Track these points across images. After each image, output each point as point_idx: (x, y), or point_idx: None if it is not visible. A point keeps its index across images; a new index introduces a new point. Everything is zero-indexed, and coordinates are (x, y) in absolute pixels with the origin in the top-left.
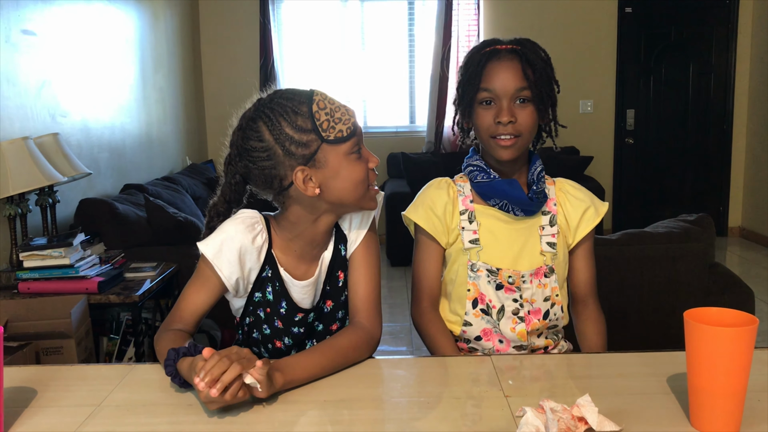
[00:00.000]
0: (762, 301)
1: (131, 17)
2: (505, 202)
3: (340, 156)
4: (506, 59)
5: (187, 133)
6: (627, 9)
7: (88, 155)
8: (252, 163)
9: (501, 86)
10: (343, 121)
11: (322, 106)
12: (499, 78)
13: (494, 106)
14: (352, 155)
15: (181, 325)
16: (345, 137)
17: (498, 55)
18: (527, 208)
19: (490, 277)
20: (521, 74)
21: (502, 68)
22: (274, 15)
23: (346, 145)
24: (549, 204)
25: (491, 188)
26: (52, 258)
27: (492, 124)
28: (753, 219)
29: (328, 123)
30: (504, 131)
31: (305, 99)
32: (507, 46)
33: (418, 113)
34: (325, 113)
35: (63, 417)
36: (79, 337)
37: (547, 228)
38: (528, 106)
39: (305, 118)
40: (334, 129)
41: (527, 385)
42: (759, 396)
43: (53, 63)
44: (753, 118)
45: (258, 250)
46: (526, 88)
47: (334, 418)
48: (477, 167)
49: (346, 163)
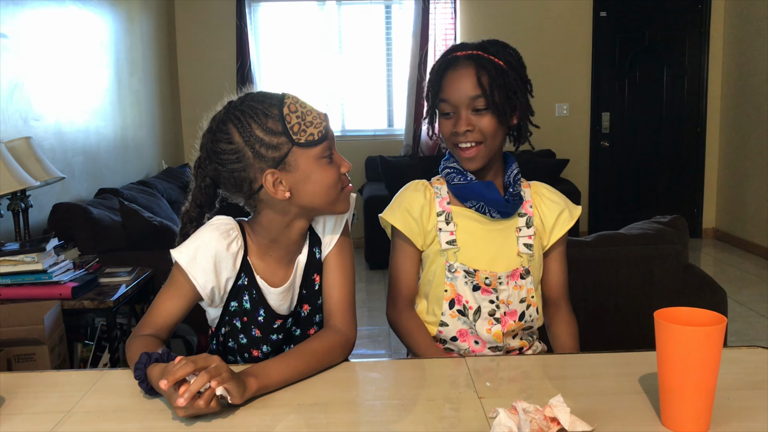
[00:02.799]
0: (735, 302)
1: (106, 20)
2: (481, 204)
3: (311, 160)
4: (462, 67)
5: (163, 137)
6: (602, 13)
7: (62, 159)
8: (221, 165)
9: (456, 97)
10: (314, 124)
11: (294, 109)
12: (454, 88)
13: (453, 116)
14: (323, 159)
15: (153, 331)
16: (316, 141)
17: (455, 63)
18: (503, 209)
19: (467, 278)
20: (475, 82)
21: (456, 77)
22: (251, 18)
23: (317, 149)
24: (525, 206)
25: (468, 190)
26: (24, 263)
27: (452, 133)
28: (727, 221)
29: (299, 126)
30: (464, 140)
31: (276, 102)
32: (466, 53)
33: (396, 117)
34: (297, 116)
35: (31, 424)
36: (53, 343)
37: (524, 229)
38: (486, 113)
39: (276, 121)
40: (305, 132)
41: (502, 386)
42: (728, 394)
43: (26, 66)
44: (726, 121)
45: (233, 257)
46: (480, 96)
47: (309, 422)
48: (454, 169)
49: (317, 167)
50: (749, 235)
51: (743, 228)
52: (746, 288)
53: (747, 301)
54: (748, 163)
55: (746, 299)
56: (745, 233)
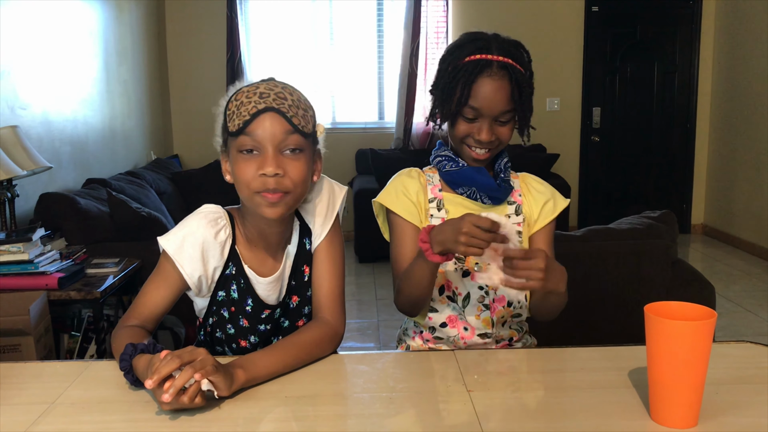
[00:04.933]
0: (723, 297)
1: (95, 9)
2: (473, 189)
3: (235, 150)
4: (497, 77)
5: (152, 128)
6: (593, 8)
7: (50, 149)
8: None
9: (487, 107)
10: (242, 115)
11: (239, 97)
12: (486, 98)
13: (476, 121)
14: (242, 153)
15: (139, 321)
16: (235, 132)
17: (489, 69)
18: (495, 194)
19: (457, 264)
20: (508, 96)
21: (492, 88)
22: (242, 9)
23: (237, 140)
24: (514, 195)
25: (460, 176)
26: (10, 253)
27: (471, 136)
28: (715, 216)
29: (233, 114)
30: (480, 146)
31: (243, 85)
32: (499, 58)
33: (386, 109)
34: (237, 104)
35: (15, 415)
36: (38, 334)
37: (513, 217)
38: (509, 123)
39: (228, 103)
40: (233, 122)
41: (491, 380)
42: (717, 389)
43: (12, 54)
44: (715, 117)
45: (221, 246)
46: (511, 111)
47: (297, 415)
48: (445, 157)
49: (236, 160)
50: (737, 231)
51: (731, 224)
52: (734, 284)
53: (734, 297)
54: (737, 159)
55: (734, 295)
56: (734, 229)
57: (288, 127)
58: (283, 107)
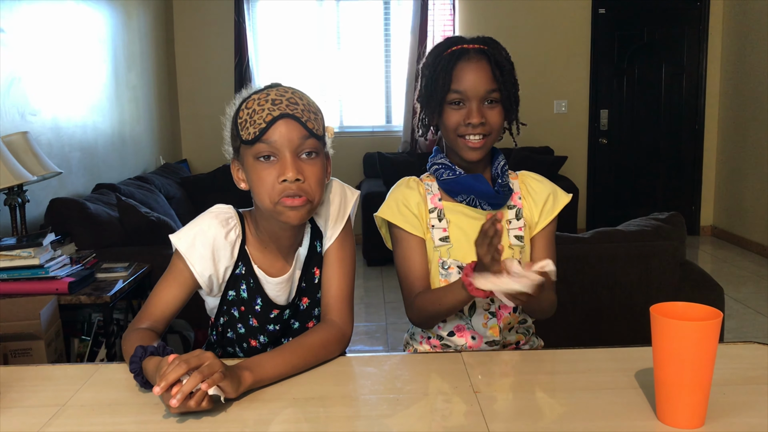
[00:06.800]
0: (732, 299)
1: (103, 15)
2: (472, 197)
3: (251, 158)
4: (475, 60)
5: (161, 133)
6: (601, 10)
7: (59, 154)
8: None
9: (472, 88)
10: (256, 123)
11: (250, 105)
12: (469, 79)
13: (464, 107)
14: (260, 161)
15: (150, 323)
16: (251, 140)
17: (467, 55)
18: (494, 201)
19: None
20: (491, 75)
21: (471, 69)
22: (249, 14)
23: (253, 148)
24: (514, 198)
25: (458, 184)
26: (21, 258)
27: (461, 124)
28: (724, 218)
29: (245, 122)
30: (473, 132)
31: (248, 94)
32: (474, 46)
33: (394, 113)
34: (249, 112)
35: (26, 418)
36: (49, 338)
37: (513, 222)
38: (497, 106)
39: (237, 113)
40: (247, 130)
41: (496, 381)
42: (724, 389)
43: (23, 61)
44: (724, 119)
45: (231, 246)
46: (495, 90)
47: (307, 416)
48: (442, 165)
49: (254, 168)
50: (747, 232)
51: (741, 225)
52: (743, 285)
53: (744, 299)
54: (746, 160)
55: (743, 297)
56: (743, 231)
57: (303, 131)
58: (297, 112)
